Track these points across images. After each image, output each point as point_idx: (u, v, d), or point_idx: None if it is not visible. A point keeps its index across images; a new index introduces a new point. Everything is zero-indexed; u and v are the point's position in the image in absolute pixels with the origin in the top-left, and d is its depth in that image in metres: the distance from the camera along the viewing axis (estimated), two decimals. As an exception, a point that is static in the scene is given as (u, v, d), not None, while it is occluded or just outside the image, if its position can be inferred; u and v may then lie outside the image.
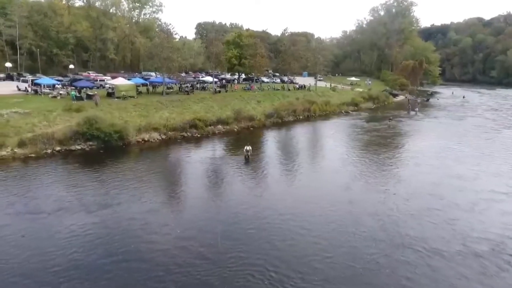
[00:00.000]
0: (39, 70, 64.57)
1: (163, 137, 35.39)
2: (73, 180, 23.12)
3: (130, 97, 42.67)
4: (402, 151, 35.28)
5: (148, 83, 51.59)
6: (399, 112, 63.42)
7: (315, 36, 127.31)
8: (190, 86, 54.44)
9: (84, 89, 44.52)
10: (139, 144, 33.23)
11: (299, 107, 53.42)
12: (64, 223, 17.17)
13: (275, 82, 75.17)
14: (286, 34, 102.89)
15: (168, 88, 50.45)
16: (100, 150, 30.33)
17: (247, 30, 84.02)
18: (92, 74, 62.72)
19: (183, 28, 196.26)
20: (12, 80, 51.98)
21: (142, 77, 58.55)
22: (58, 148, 29.21)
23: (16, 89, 43.92)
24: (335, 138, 40.51)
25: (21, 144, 28.13)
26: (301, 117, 52.52)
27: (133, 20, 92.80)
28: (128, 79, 50.51)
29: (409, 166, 28.97)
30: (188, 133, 37.16)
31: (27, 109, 32.96)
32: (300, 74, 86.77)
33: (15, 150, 27.60)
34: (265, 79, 74.68)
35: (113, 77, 55.43)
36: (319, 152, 34.90)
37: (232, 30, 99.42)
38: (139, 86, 48.85)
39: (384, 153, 33.48)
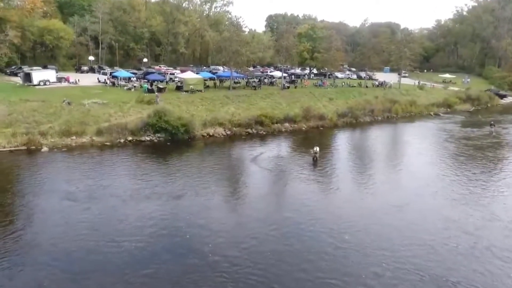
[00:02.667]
0: (117, 63, 72.90)
1: (228, 132, 36.63)
2: (142, 170, 25.45)
3: (198, 91, 45.19)
4: (507, 168, 29.91)
5: (216, 77, 53.98)
6: (506, 117, 55.20)
7: (401, 27, 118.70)
8: (258, 81, 55.42)
9: (156, 82, 48.60)
10: (203, 138, 34.97)
11: (377, 106, 50.40)
12: (132, 209, 18.95)
13: (350, 78, 72.23)
14: (366, 25, 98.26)
15: (235, 82, 52.03)
16: (167, 142, 32.74)
17: (322, 21, 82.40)
18: (163, 68, 68.32)
19: (253, 21, 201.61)
20: (94, 72, 59.57)
21: (210, 71, 61.57)
22: (130, 138, 32.43)
23: (97, 81, 50.16)
24: (419, 145, 36.91)
25: (99, 132, 31.99)
26: (379, 118, 49.47)
27: (204, 14, 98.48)
28: (197, 73, 53.55)
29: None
30: (253, 130, 37.85)
31: (105, 100, 37.33)
32: (381, 70, 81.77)
33: (94, 138, 31.52)
34: (339, 75, 72.24)
35: (182, 71, 59.46)
36: (397, 160, 32.11)
37: (305, 22, 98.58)
38: (206, 80, 51.43)
39: (481, 168, 28.64)
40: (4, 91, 37.85)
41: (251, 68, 64.35)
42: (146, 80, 49.29)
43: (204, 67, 74.13)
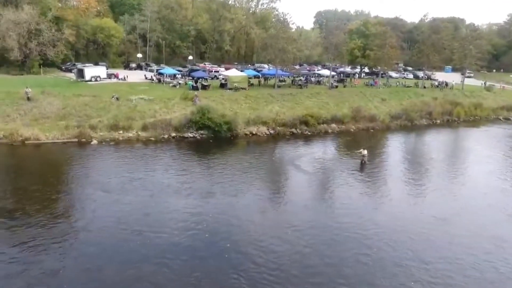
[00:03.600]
0: (163, 60, 76.19)
1: (271, 132, 36.50)
2: (184, 166, 26.21)
3: (242, 88, 45.68)
4: None
5: (260, 75, 54.24)
6: None
7: (466, 22, 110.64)
8: (304, 80, 54.77)
9: (200, 79, 49.97)
10: (246, 136, 35.17)
11: (436, 108, 47.40)
12: (173, 203, 19.55)
13: (406, 78, 68.77)
14: (426, 21, 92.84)
15: (280, 80, 51.92)
16: (210, 139, 33.40)
17: (375, 17, 79.27)
18: (208, 65, 70.15)
19: (301, 17, 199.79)
20: (141, 69, 62.82)
21: (255, 69, 62.18)
22: (173, 134, 33.56)
23: (144, 77, 52.82)
24: (482, 152, 34.06)
25: (144, 127, 33.50)
26: (438, 121, 46.51)
27: (250, 11, 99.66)
28: (241, 71, 54.39)
29: None
30: (298, 130, 37.35)
31: (151, 96, 39.03)
32: (441, 69, 76.74)
33: (139, 133, 33.06)
34: (393, 74, 69.06)
35: (226, 68, 60.64)
36: (454, 168, 29.59)
37: (357, 18, 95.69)
38: (251, 78, 51.88)
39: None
40: (59, 86, 41.16)
41: (297, 66, 63.70)
42: (191, 78, 50.84)
43: (249, 65, 74.97)
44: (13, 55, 50.25)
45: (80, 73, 47.18)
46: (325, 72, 63.08)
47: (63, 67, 59.22)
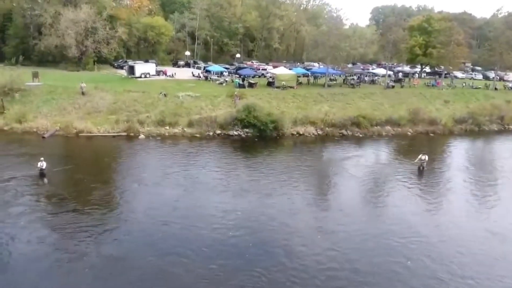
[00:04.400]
0: (210, 58, 78.52)
1: (320, 132, 35.86)
2: (227, 163, 26.67)
3: (290, 87, 45.46)
4: None
5: (310, 74, 53.67)
6: None
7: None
8: (357, 79, 53.17)
9: (247, 77, 50.58)
10: (293, 137, 34.90)
11: (509, 113, 43.48)
12: (212, 200, 20.03)
13: (474, 79, 63.89)
14: (500, 16, 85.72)
15: (331, 79, 51.09)
16: (255, 138, 33.63)
17: (440, 12, 74.77)
18: (256, 63, 70.89)
19: (356, 14, 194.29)
20: (189, 67, 65.23)
21: (304, 67, 61.61)
22: (218, 132, 34.26)
23: (191, 75, 54.80)
24: None
25: (190, 124, 34.62)
26: (511, 126, 42.50)
27: (301, 8, 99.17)
28: (289, 69, 54.09)
29: None
30: (348, 131, 36.28)
31: (198, 93, 40.26)
32: (516, 70, 70.12)
33: (185, 129, 34.23)
34: (459, 74, 64.62)
35: (274, 66, 60.80)
36: None
37: (419, 14, 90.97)
38: (299, 76, 51.56)
39: None
40: (111, 82, 44.03)
41: (349, 65, 62.09)
42: (237, 75, 51.66)
43: (298, 63, 74.60)
44: (71, 52, 54.77)
45: (131, 70, 50.11)
46: (381, 71, 60.72)
47: (115, 64, 63.35)
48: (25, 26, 60.15)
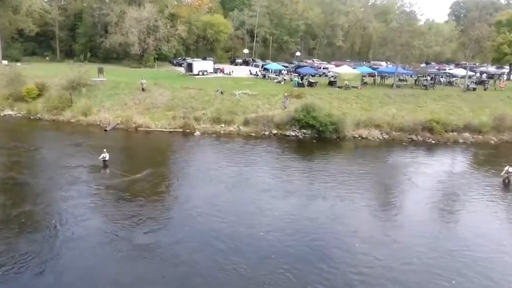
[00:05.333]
0: (269, 56, 79.85)
1: (385, 136, 34.65)
2: (282, 164, 26.97)
3: (353, 87, 44.55)
4: None
5: (376, 73, 52.08)
6: None
7: None
8: (431, 79, 50.38)
9: (307, 76, 50.53)
10: (354, 140, 34.14)
11: None
12: (268, 201, 20.31)
13: None
14: None
15: (400, 80, 49.12)
16: (313, 139, 33.53)
17: (537, 3, 67.94)
18: (316, 62, 70.55)
19: (433, 8, 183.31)
20: (247, 65, 66.95)
21: (370, 66, 60.04)
22: (274, 131, 34.72)
23: (249, 73, 56.23)
24: None
25: (246, 122, 35.54)
26: None
27: (369, 3, 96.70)
28: (353, 68, 53.12)
29: None
30: (419, 137, 34.56)
31: (255, 92, 41.16)
32: None
33: (240, 127, 35.21)
34: (561, 76, 58.02)
35: (337, 65, 60.11)
36: None
37: (509, 7, 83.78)
38: (364, 76, 50.22)
39: None
40: (170, 79, 46.77)
41: (422, 64, 59.07)
42: (297, 74, 51.85)
43: (363, 62, 72.79)
44: (134, 49, 59.40)
45: (189, 67, 52.82)
46: (459, 71, 56.80)
47: (174, 61, 67.27)
48: (93, 25, 66.58)
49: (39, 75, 43.53)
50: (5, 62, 53.91)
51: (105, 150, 24.26)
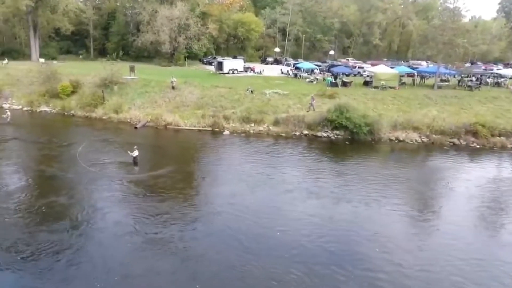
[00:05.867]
0: (301, 55, 79.58)
1: (424, 140, 33.64)
2: (312, 165, 26.82)
3: (390, 87, 43.69)
4: None
5: (416, 73, 50.82)
6: None
7: None
8: (476, 80, 48.44)
9: (341, 75, 50.00)
10: (391, 142, 33.40)
11: None
12: (296, 203, 20.31)
13: None
14: None
15: (442, 80, 47.76)
16: (346, 141, 33.10)
17: None
18: (351, 61, 69.59)
19: (479, 5, 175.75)
20: (278, 64, 67.08)
21: (409, 66, 58.75)
22: (305, 132, 34.56)
23: (280, 72, 56.35)
24: None
25: (276, 122, 35.60)
26: None
27: (410, 0, 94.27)
28: (391, 67, 52.26)
29: None
30: (461, 141, 33.29)
31: (286, 91, 41.18)
32: None
33: (270, 127, 35.33)
34: None
35: (373, 65, 59.20)
36: None
37: None
38: (403, 76, 49.18)
39: None
40: (200, 77, 47.66)
41: (467, 64, 56.92)
42: (330, 73, 51.42)
43: (402, 61, 71.20)
44: (164, 48, 61.06)
45: (219, 66, 53.61)
46: (509, 72, 54.22)
47: (204, 60, 68.54)
48: (125, 24, 69.11)
49: (73, 73, 45.65)
50: (42, 60, 56.92)
51: (135, 147, 24.99)
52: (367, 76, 49.58)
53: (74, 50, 73.97)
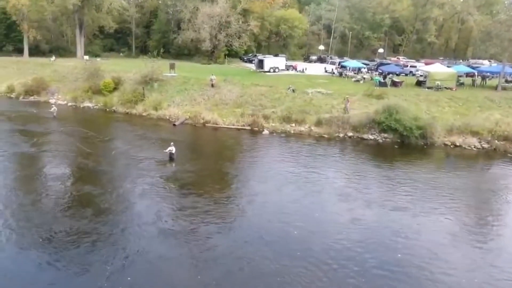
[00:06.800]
0: (347, 53, 78.18)
1: (485, 145, 31.76)
2: (357, 169, 26.07)
3: (446, 88, 41.94)
4: None
5: (476, 73, 48.32)
6: None
7: None
8: (549, 81, 45.33)
9: (390, 75, 48.52)
10: (446, 147, 31.86)
11: None
12: (338, 208, 19.90)
13: None
14: None
15: (507, 81, 45.30)
16: (394, 145, 32.01)
17: None
18: (402, 59, 67.39)
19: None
20: (322, 62, 66.31)
21: (469, 65, 56.05)
22: (350, 134, 33.78)
23: (323, 70, 55.72)
24: None
25: (318, 123, 35.12)
26: None
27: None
28: (448, 67, 50.34)
29: None
30: (529, 148, 31.09)
31: (330, 90, 40.56)
32: None
33: (312, 128, 34.90)
34: None
35: (427, 63, 57.18)
36: None
37: None
38: (461, 75, 47.10)
39: None
40: (240, 75, 48.12)
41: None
42: (379, 72, 50.14)
43: (460, 60, 68.06)
44: (205, 45, 62.36)
45: (260, 64, 53.89)
46: None
47: (244, 58, 69.23)
48: (167, 22, 71.40)
49: (115, 70, 47.83)
50: (86, 57, 60.16)
51: (172, 143, 25.69)
52: (420, 75, 47.84)
53: (117, 47, 77.60)
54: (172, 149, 25.45)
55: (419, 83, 44.97)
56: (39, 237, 15.92)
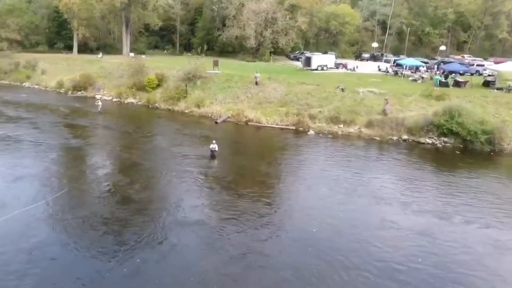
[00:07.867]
0: (403, 51, 75.43)
1: None
2: (411, 175, 24.95)
3: (519, 89, 39.22)
4: None
5: (559, 72, 44.71)
6: None
7: None
8: None
9: (453, 74, 46.10)
10: (517, 155, 29.68)
11: None
12: (387, 215, 19.21)
13: None
14: None
15: None
16: (456, 150, 30.37)
17: None
18: (468, 58, 64.00)
19: None
20: (375, 60, 64.39)
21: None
22: (405, 137, 32.41)
23: (377, 69, 54.14)
24: None
25: (369, 124, 34.06)
26: None
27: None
28: (522, 65, 46.76)
29: None
30: None
31: (383, 90, 39.20)
32: None
33: (362, 129, 33.93)
34: None
35: (496, 62, 54.17)
36: None
37: None
38: (537, 75, 43.70)
39: None
40: (285, 73, 47.90)
41: None
42: (441, 71, 47.94)
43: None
44: (249, 43, 62.73)
45: (307, 62, 53.33)
46: None
47: (291, 56, 68.94)
48: (211, 19, 72.75)
49: (159, 67, 49.40)
50: (132, 54, 62.66)
51: (214, 141, 26.25)
52: (489, 75, 45.23)
53: (161, 45, 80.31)
54: (215, 146, 25.90)
55: (487, 84, 42.53)
56: (90, 226, 17.07)
